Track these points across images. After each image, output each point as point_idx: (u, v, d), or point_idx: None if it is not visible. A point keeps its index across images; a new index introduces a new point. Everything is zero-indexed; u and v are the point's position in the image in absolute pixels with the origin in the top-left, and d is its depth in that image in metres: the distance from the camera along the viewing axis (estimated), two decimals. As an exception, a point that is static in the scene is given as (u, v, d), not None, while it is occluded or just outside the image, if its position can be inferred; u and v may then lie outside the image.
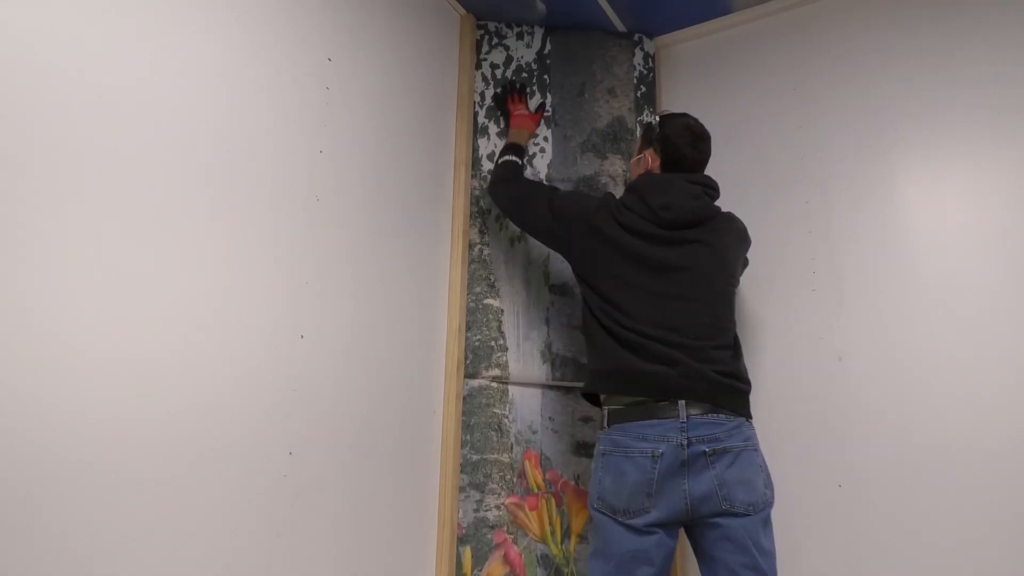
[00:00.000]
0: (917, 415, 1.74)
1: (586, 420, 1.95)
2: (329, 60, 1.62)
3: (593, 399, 1.65)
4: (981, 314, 1.72)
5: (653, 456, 1.44)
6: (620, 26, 2.23)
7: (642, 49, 2.25)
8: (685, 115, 1.72)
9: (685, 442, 1.43)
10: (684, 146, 1.66)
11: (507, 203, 1.86)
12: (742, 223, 1.71)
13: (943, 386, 1.72)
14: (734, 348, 1.59)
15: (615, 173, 2.12)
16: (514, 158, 1.90)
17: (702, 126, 1.70)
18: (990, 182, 1.78)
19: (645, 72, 2.25)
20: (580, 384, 1.94)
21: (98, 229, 1.12)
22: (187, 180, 1.27)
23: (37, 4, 1.09)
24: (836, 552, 1.76)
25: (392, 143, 1.79)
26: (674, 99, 2.31)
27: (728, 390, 1.50)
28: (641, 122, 2.18)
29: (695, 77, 2.30)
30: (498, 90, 2.10)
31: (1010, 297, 1.69)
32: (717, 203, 1.69)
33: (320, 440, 1.47)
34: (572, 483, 1.89)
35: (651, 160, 1.70)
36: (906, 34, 1.96)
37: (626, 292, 1.57)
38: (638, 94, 2.21)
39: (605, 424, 1.55)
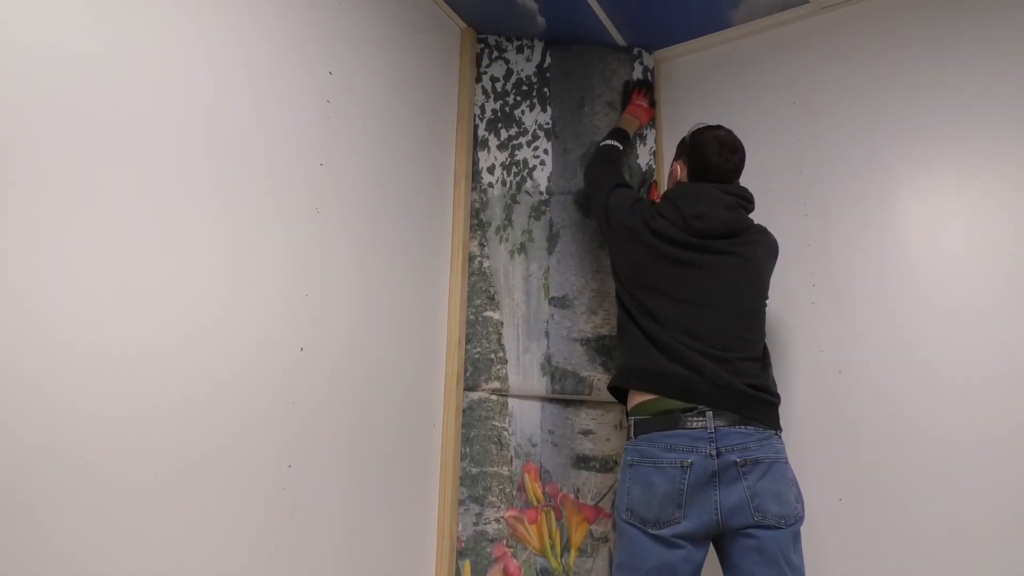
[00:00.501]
0: (917, 428, 1.73)
1: (586, 433, 1.95)
2: (330, 74, 1.63)
3: (619, 397, 1.65)
4: (982, 327, 1.72)
5: (682, 466, 1.42)
6: (620, 39, 2.25)
7: (641, 63, 2.27)
8: (718, 127, 1.72)
9: (715, 452, 1.42)
10: (711, 155, 1.66)
11: (586, 186, 1.97)
12: (773, 237, 1.69)
13: (944, 398, 1.72)
14: (763, 360, 1.57)
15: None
16: (613, 142, 1.97)
17: (734, 137, 1.69)
18: (990, 195, 1.78)
19: (644, 87, 2.27)
20: (580, 397, 1.94)
21: (99, 236, 1.13)
22: (186, 191, 1.27)
23: (51, 11, 1.09)
24: (836, 566, 1.75)
25: (392, 156, 1.80)
26: (673, 113, 2.33)
27: (756, 402, 1.48)
28: (641, 139, 2.19)
29: (695, 91, 2.31)
30: (629, 80, 2.21)
31: (1011, 310, 1.69)
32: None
33: (319, 453, 1.47)
34: (572, 496, 1.89)
35: (679, 171, 1.73)
36: (905, 49, 1.98)
37: (654, 297, 1.58)
38: (637, 108, 2.23)
39: (631, 435, 1.54)
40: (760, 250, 1.64)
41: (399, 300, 1.75)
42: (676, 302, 1.56)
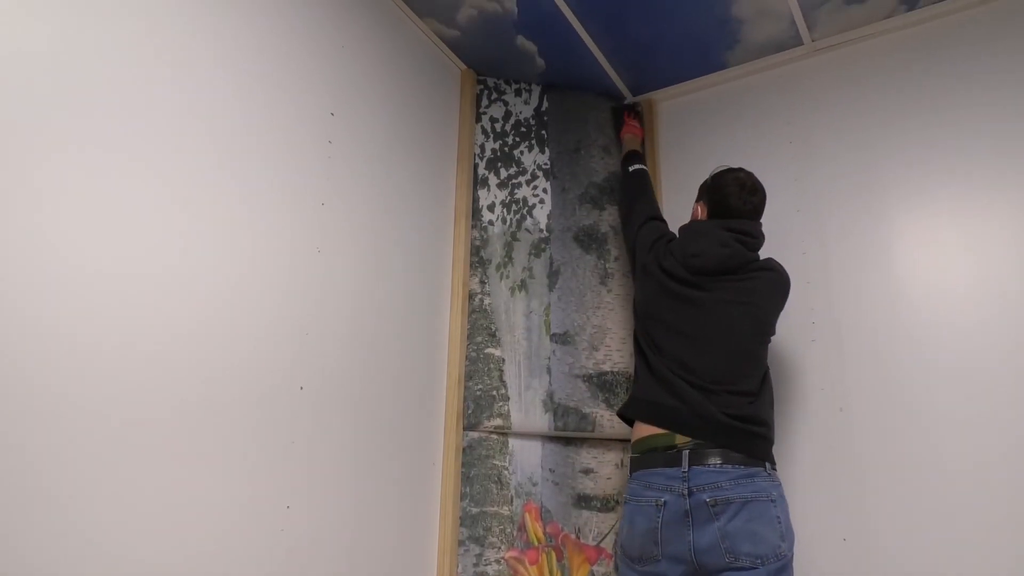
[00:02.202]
0: (920, 466, 1.72)
1: (587, 472, 1.93)
2: (332, 115, 1.66)
3: (629, 425, 1.70)
4: (983, 362, 1.71)
5: (657, 505, 1.48)
6: (617, 80, 2.28)
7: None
8: (739, 169, 1.76)
9: (686, 491, 1.45)
10: (730, 196, 1.70)
11: (620, 213, 2.09)
12: (783, 273, 1.69)
13: (945, 436, 1.71)
14: (757, 395, 1.57)
15: (615, 223, 2.14)
16: (641, 165, 2.08)
17: (755, 180, 1.73)
18: (988, 231, 1.79)
19: (636, 135, 2.33)
20: (583, 434, 1.93)
21: (103, 284, 1.14)
22: (187, 227, 1.28)
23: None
24: (843, 608, 1.73)
25: (393, 195, 1.82)
26: (671, 152, 2.35)
27: (739, 434, 1.50)
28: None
29: (692, 131, 2.34)
30: (615, 105, 2.32)
31: (1010, 347, 1.69)
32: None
33: (317, 493, 1.46)
34: (573, 536, 1.86)
35: (700, 211, 1.77)
36: (899, 89, 2.00)
37: (658, 329, 1.66)
38: (630, 154, 2.28)
39: (629, 471, 1.61)
40: (760, 285, 1.64)
41: (400, 338, 1.75)
42: (674, 335, 1.63)
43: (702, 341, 1.59)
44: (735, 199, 1.70)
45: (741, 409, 1.53)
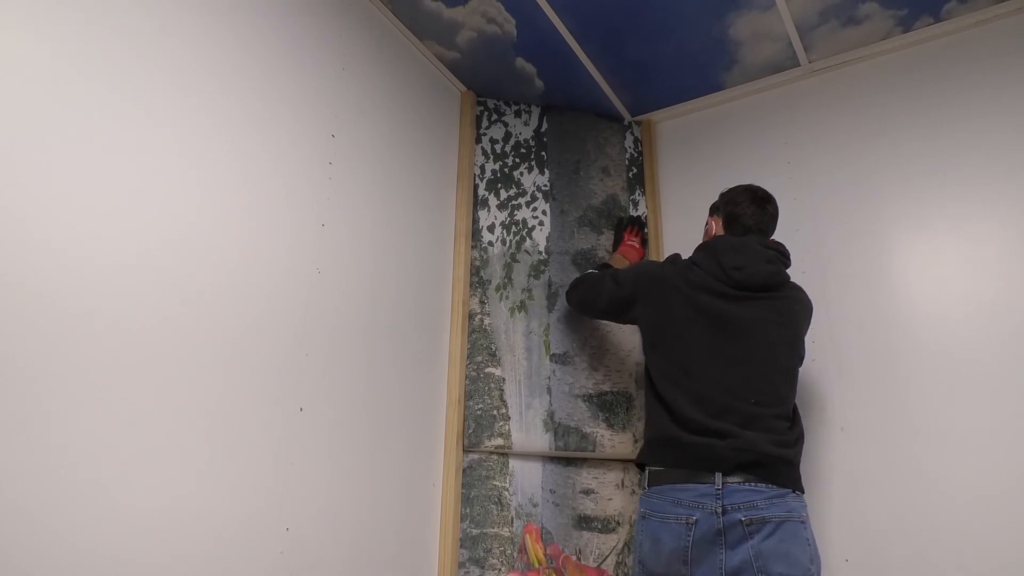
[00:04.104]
0: (922, 485, 1.71)
1: (587, 492, 1.92)
2: (332, 136, 1.67)
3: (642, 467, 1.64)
4: (980, 383, 1.71)
5: (687, 523, 1.42)
6: (615, 100, 2.30)
7: (632, 133, 2.36)
8: (748, 184, 1.75)
9: (720, 510, 1.41)
10: (744, 203, 1.68)
11: (579, 296, 1.88)
12: (808, 297, 1.69)
13: (947, 455, 1.70)
14: (792, 420, 1.56)
15: (611, 248, 2.15)
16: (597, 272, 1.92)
17: (765, 191, 1.72)
18: (985, 250, 1.80)
19: (636, 155, 2.34)
20: (584, 454, 1.92)
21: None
22: (186, 245, 1.29)
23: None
24: (846, 630, 1.71)
25: (393, 215, 1.83)
26: (670, 172, 2.37)
27: (777, 461, 1.47)
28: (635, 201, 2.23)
29: (690, 151, 2.35)
30: (623, 216, 2.19)
31: (1011, 364, 1.69)
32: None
33: (317, 516, 1.45)
34: (574, 558, 1.85)
35: (714, 226, 1.74)
36: (896, 107, 2.02)
37: (688, 349, 1.56)
38: (630, 175, 2.29)
39: (645, 484, 1.54)
40: (797, 306, 1.64)
41: (400, 358, 1.75)
42: (712, 353, 1.54)
43: (745, 360, 1.53)
44: (752, 207, 1.68)
45: (782, 435, 1.50)
